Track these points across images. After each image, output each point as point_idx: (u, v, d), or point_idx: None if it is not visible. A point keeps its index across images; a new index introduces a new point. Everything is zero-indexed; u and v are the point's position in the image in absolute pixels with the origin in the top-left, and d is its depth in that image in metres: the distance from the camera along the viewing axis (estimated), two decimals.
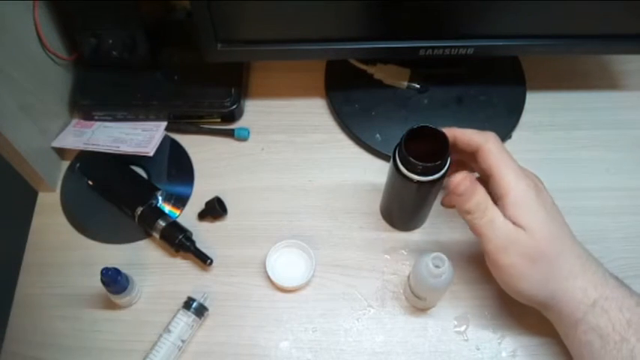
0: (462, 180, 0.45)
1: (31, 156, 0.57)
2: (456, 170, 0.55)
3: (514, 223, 0.45)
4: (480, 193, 0.46)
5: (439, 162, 0.47)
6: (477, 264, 0.56)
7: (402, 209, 0.57)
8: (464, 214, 0.47)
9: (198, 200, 0.61)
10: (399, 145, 0.48)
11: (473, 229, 0.47)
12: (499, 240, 0.45)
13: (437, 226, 0.59)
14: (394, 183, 0.51)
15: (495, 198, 0.47)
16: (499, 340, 0.53)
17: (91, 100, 0.64)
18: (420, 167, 0.47)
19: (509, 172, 0.46)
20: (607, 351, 0.43)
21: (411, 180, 0.48)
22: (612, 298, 0.45)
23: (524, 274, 0.45)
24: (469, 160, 0.50)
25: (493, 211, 0.45)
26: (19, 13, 0.55)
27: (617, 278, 0.47)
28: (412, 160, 0.46)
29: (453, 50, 0.57)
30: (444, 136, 0.47)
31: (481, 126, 0.50)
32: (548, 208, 0.47)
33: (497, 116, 0.65)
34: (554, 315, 0.48)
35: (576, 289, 0.45)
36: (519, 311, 0.54)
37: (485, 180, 0.48)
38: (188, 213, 0.60)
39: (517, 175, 0.46)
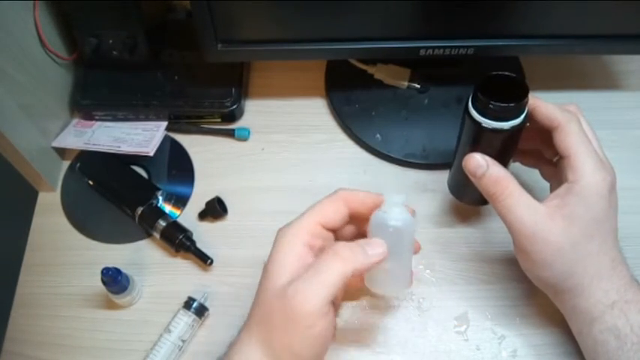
0: None
1: (31, 156, 0.57)
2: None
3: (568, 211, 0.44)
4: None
5: (519, 102, 0.43)
6: (477, 264, 0.56)
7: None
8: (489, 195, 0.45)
9: (198, 200, 0.60)
10: (473, 92, 0.45)
11: (501, 207, 0.45)
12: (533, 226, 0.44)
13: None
14: (466, 139, 0.48)
15: (563, 179, 0.45)
16: (499, 340, 0.53)
17: (91, 100, 0.64)
18: (494, 107, 0.43)
19: (588, 160, 0.44)
20: (624, 352, 0.43)
21: (485, 129, 0.44)
22: (633, 301, 0.44)
23: (549, 262, 0.44)
24: (544, 134, 0.48)
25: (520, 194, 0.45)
26: (19, 13, 0.55)
27: None
28: (485, 99, 0.43)
29: (453, 50, 0.57)
30: (522, 83, 0.44)
31: None
32: (613, 206, 0.45)
33: None
34: (568, 307, 0.47)
35: (598, 289, 0.44)
36: (520, 312, 0.54)
37: (560, 158, 0.46)
38: (188, 213, 0.60)
39: (595, 165, 0.44)
